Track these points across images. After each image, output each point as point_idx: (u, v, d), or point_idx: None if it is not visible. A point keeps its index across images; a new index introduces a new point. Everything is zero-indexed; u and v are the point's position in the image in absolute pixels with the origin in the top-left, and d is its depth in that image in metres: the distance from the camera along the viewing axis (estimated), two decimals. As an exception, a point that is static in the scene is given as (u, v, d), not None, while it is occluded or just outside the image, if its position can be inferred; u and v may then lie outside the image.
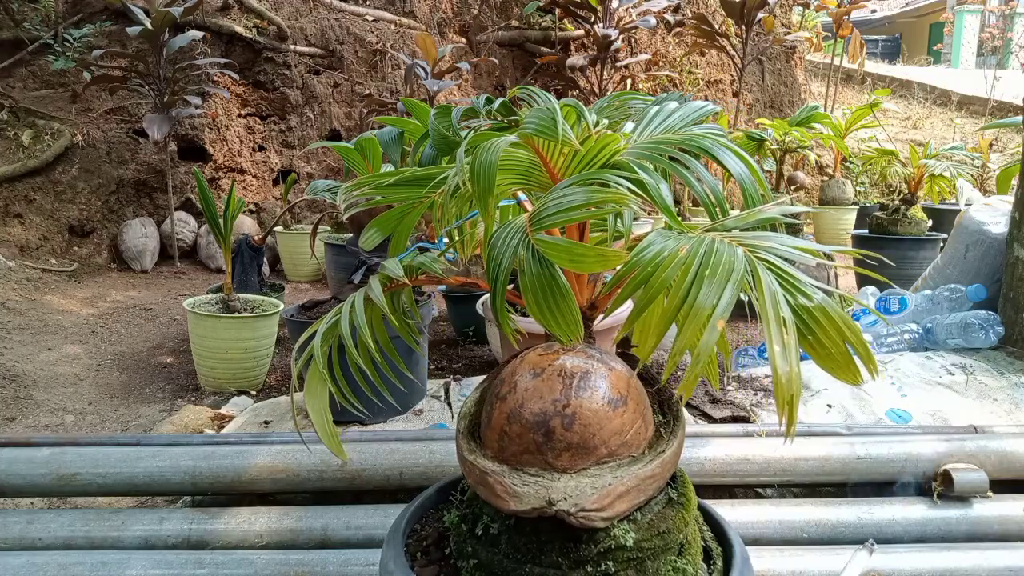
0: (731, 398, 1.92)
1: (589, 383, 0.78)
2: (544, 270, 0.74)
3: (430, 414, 2.00)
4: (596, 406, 0.77)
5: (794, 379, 0.63)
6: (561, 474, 0.76)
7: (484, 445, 0.82)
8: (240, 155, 5.12)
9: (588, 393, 0.78)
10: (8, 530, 1.44)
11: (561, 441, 0.76)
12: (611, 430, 0.77)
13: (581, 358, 0.81)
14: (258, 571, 1.35)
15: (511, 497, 0.75)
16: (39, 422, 2.46)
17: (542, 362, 0.81)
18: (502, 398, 0.80)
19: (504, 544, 0.80)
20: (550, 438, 0.76)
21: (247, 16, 5.22)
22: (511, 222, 0.80)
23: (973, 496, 1.47)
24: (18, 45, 4.87)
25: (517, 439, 0.77)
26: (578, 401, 0.77)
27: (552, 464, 0.76)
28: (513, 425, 0.78)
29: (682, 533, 0.82)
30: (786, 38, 6.26)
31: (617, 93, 1.17)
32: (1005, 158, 6.61)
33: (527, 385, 0.79)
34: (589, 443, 0.76)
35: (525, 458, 0.77)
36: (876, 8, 14.63)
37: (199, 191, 2.60)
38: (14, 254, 4.24)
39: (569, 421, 0.76)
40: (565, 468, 0.76)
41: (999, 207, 2.43)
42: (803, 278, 0.70)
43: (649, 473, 0.77)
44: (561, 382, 0.78)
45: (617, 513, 0.75)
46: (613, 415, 0.78)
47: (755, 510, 1.46)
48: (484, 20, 6.02)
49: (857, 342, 0.69)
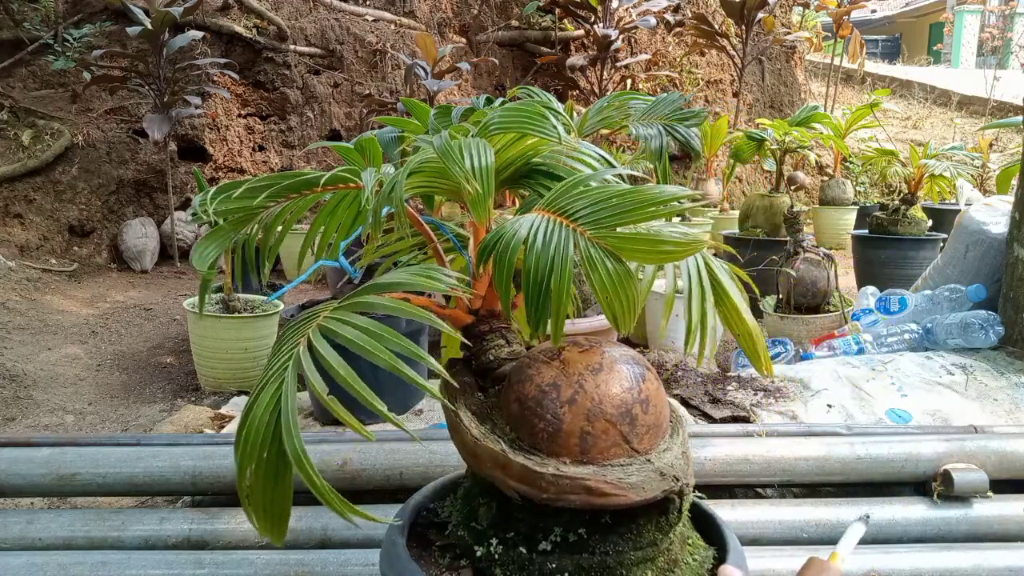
0: (731, 398, 1.92)
1: (641, 366, 0.84)
2: (621, 266, 0.74)
3: (430, 414, 2.00)
4: (655, 385, 0.84)
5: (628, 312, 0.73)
6: (646, 455, 0.80)
7: (552, 455, 0.79)
8: (240, 155, 5.12)
9: (644, 375, 0.83)
10: (8, 530, 1.43)
11: (642, 425, 0.80)
12: (665, 403, 0.85)
13: (615, 347, 0.86)
14: (258, 571, 1.35)
15: (630, 489, 0.76)
16: (39, 422, 2.46)
17: (591, 359, 0.82)
18: (570, 401, 0.79)
19: (597, 544, 0.79)
20: (635, 425, 0.80)
21: (247, 16, 5.22)
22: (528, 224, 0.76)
23: (973, 496, 1.47)
24: (18, 45, 4.88)
25: (603, 435, 0.79)
26: (645, 385, 0.82)
27: (636, 449, 0.80)
28: (596, 423, 0.79)
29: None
30: (786, 38, 6.26)
31: (617, 93, 1.17)
32: (1005, 158, 6.61)
33: (596, 381, 0.80)
34: (659, 421, 0.82)
35: (612, 451, 0.79)
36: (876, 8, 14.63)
37: (199, 191, 2.60)
38: (14, 254, 4.24)
39: (646, 404, 0.81)
40: (646, 450, 0.80)
41: (999, 207, 2.43)
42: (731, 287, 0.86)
43: (685, 436, 0.86)
44: (626, 371, 0.82)
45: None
46: (662, 391, 0.85)
47: (755, 510, 1.46)
48: (484, 20, 6.02)
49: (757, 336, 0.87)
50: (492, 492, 0.83)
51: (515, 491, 0.78)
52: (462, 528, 0.86)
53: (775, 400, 1.90)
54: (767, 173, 6.29)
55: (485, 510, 0.84)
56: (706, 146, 5.20)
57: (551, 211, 0.79)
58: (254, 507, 0.74)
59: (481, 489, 0.86)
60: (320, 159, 5.31)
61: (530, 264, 0.74)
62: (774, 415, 1.82)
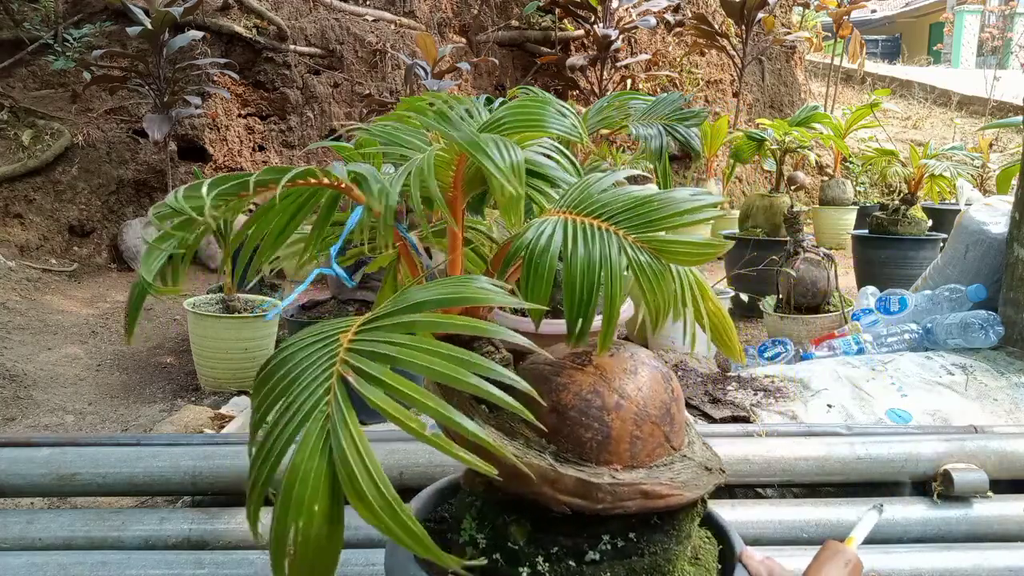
0: (731, 398, 1.92)
1: (662, 366, 0.85)
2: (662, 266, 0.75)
3: (430, 414, 2.00)
4: (678, 383, 0.85)
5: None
6: (680, 451, 0.81)
7: (603, 463, 0.77)
8: (240, 155, 5.12)
9: (669, 375, 0.85)
10: (8, 530, 1.43)
11: (677, 423, 0.82)
12: (683, 399, 0.89)
13: (636, 350, 0.86)
14: (258, 571, 1.35)
15: (684, 488, 0.77)
16: (39, 422, 2.46)
17: (624, 363, 0.82)
18: (617, 408, 0.78)
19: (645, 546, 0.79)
20: (672, 424, 0.81)
21: (247, 16, 5.22)
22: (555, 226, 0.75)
23: (973, 496, 1.47)
24: (18, 45, 4.87)
25: (650, 438, 0.79)
26: (673, 384, 0.84)
27: (675, 448, 0.81)
28: (644, 426, 0.78)
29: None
30: (786, 38, 6.26)
31: (617, 93, 1.17)
32: (1005, 158, 6.61)
33: (637, 385, 0.80)
34: (684, 417, 0.85)
35: (657, 452, 0.79)
36: (876, 8, 14.64)
37: (199, 191, 2.60)
38: (14, 254, 4.24)
39: (679, 402, 0.83)
40: (679, 446, 0.81)
41: (999, 207, 2.43)
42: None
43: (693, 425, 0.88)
44: (655, 372, 0.83)
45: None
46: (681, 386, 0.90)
47: (755, 510, 1.46)
48: (484, 20, 6.02)
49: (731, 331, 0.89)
50: (520, 509, 0.79)
51: (567, 505, 0.74)
52: (494, 551, 0.80)
53: (775, 400, 1.90)
54: (767, 173, 6.29)
55: (518, 528, 0.79)
56: (706, 146, 5.20)
57: (580, 214, 0.77)
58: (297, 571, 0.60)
59: (502, 507, 0.81)
60: (320, 159, 5.31)
61: (574, 270, 0.72)
62: (774, 415, 1.82)
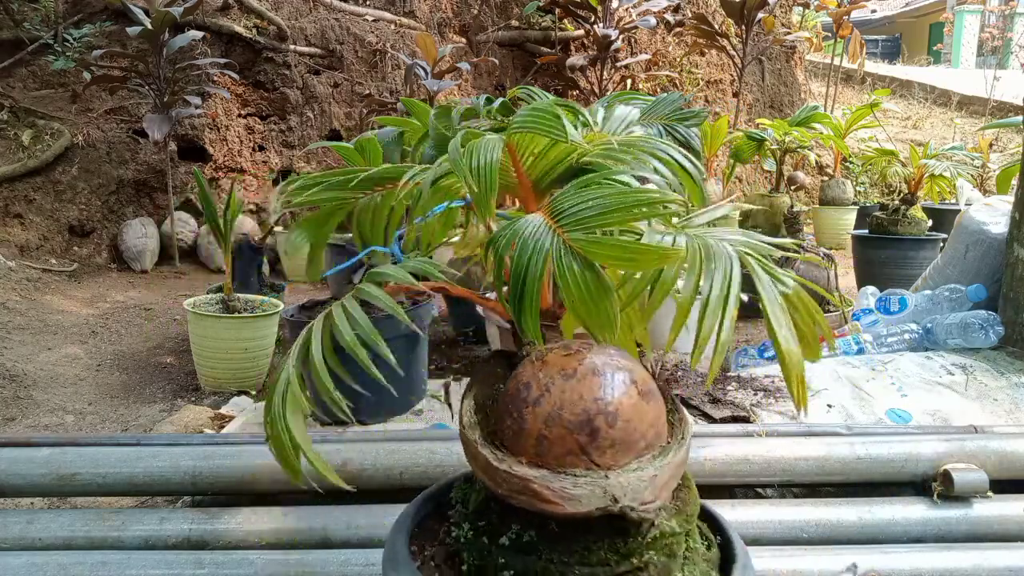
0: (731, 398, 1.92)
1: (624, 379, 0.80)
2: (591, 272, 0.74)
3: (430, 414, 2.00)
4: (633, 401, 0.79)
5: (798, 359, 0.73)
6: (607, 471, 0.76)
7: (513, 452, 0.80)
8: (240, 155, 5.12)
9: (624, 388, 0.79)
10: (8, 530, 1.43)
11: (606, 439, 0.77)
12: (648, 423, 0.79)
13: (605, 355, 0.82)
14: (258, 571, 1.35)
15: (566, 500, 0.74)
16: (39, 422, 2.46)
17: (570, 363, 0.80)
18: (535, 403, 0.79)
19: (544, 550, 0.79)
20: (595, 437, 0.77)
21: (247, 16, 5.22)
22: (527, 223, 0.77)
23: (973, 496, 1.47)
24: (18, 45, 4.87)
25: (559, 442, 0.77)
26: (619, 399, 0.78)
27: (597, 463, 0.77)
28: (553, 429, 0.77)
29: (702, 516, 0.86)
30: (786, 38, 6.26)
31: (617, 93, 1.17)
32: (1005, 158, 6.61)
33: (563, 387, 0.79)
34: (631, 438, 0.78)
35: (568, 460, 0.77)
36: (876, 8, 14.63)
37: (199, 191, 2.60)
38: (14, 254, 4.24)
39: (613, 418, 0.77)
40: (610, 465, 0.77)
41: (999, 207, 2.43)
42: (778, 269, 0.78)
43: (681, 459, 0.81)
44: (599, 381, 0.79)
45: (665, 502, 0.78)
46: (648, 408, 0.80)
47: (755, 510, 1.46)
48: (484, 20, 6.02)
49: (823, 322, 0.81)
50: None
51: (481, 482, 0.80)
52: (459, 507, 0.90)
53: (775, 400, 1.90)
54: (767, 173, 6.29)
55: (475, 496, 0.87)
56: (706, 146, 5.20)
57: (547, 211, 0.78)
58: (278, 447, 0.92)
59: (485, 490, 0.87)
60: (320, 159, 5.31)
61: (514, 263, 0.75)
62: (774, 415, 1.82)
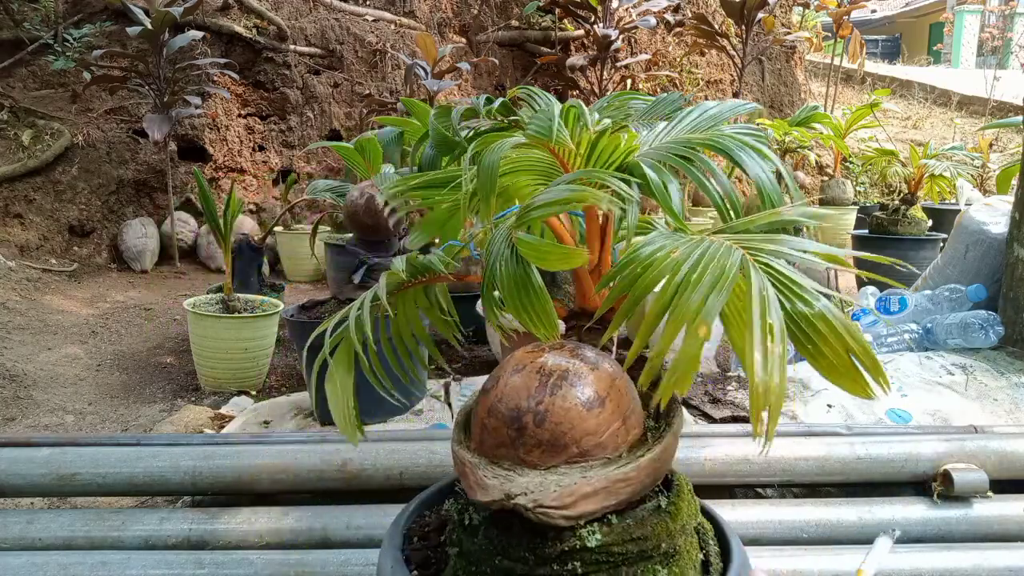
0: (731, 398, 1.92)
1: (565, 382, 0.79)
2: (520, 268, 0.77)
3: (430, 414, 2.00)
4: (569, 405, 0.78)
5: (773, 390, 0.62)
6: (531, 470, 0.77)
7: (470, 435, 0.84)
8: (240, 155, 5.12)
9: (562, 392, 0.78)
10: (8, 530, 1.44)
11: (532, 437, 0.77)
12: (584, 430, 0.77)
13: (564, 357, 0.82)
14: (258, 571, 1.35)
15: (479, 488, 0.76)
16: (39, 422, 2.46)
17: (526, 359, 0.82)
18: (486, 392, 0.82)
19: (481, 535, 0.81)
20: (522, 433, 0.77)
21: (247, 16, 5.22)
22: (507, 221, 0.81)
23: (973, 496, 1.47)
24: (18, 45, 4.87)
25: (494, 432, 0.79)
26: (551, 399, 0.78)
27: (523, 459, 0.77)
28: (491, 419, 0.80)
29: (666, 543, 0.81)
30: (786, 38, 6.26)
31: (617, 93, 1.17)
32: (1005, 158, 6.61)
33: (508, 380, 0.81)
34: (560, 441, 0.77)
35: (500, 451, 0.79)
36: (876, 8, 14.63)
37: (199, 191, 2.60)
38: (14, 254, 4.24)
39: (541, 418, 0.77)
40: (535, 464, 0.77)
41: (999, 207, 2.44)
42: (807, 283, 0.68)
43: (621, 476, 0.76)
44: (538, 379, 0.79)
45: (582, 513, 0.75)
46: (587, 415, 0.78)
47: (755, 510, 1.46)
48: (484, 20, 6.02)
49: (862, 352, 0.66)
50: None
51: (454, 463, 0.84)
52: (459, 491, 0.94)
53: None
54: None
55: None
56: (706, 146, 5.19)
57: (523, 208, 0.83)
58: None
59: None
60: (320, 159, 5.31)
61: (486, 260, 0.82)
62: (774, 415, 1.82)
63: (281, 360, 3.00)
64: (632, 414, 0.82)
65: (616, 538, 0.77)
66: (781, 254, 0.70)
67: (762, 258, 0.69)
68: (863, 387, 0.67)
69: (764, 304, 0.65)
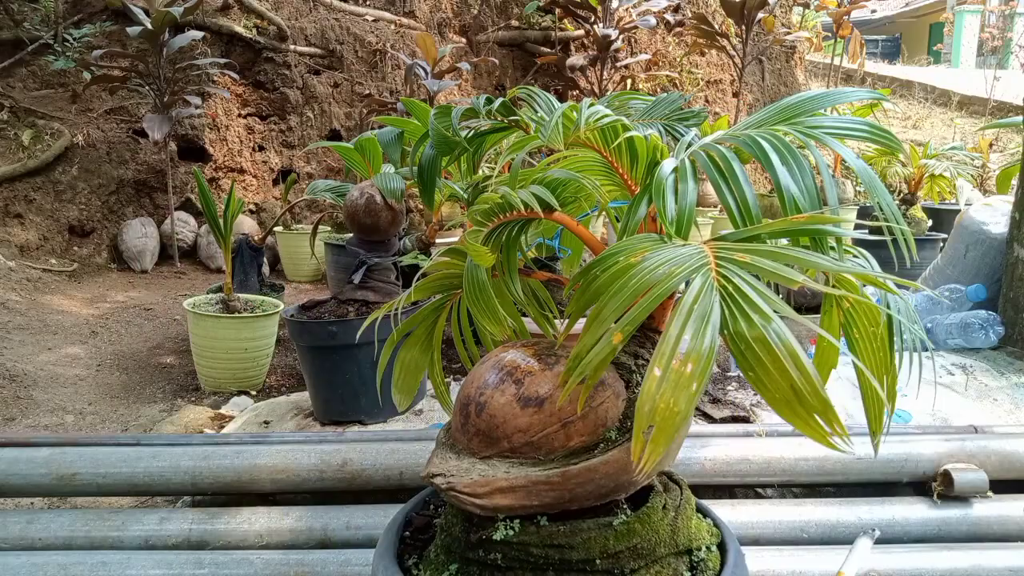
0: (731, 398, 1.92)
1: (511, 377, 0.81)
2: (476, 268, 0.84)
3: (430, 414, 2.00)
4: (505, 400, 0.79)
5: (660, 411, 0.57)
6: (472, 457, 0.81)
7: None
8: (240, 155, 5.12)
9: (503, 387, 0.80)
10: (8, 530, 1.44)
11: (473, 426, 0.81)
12: (515, 427, 0.78)
13: (523, 354, 0.84)
14: (258, 571, 1.35)
15: (427, 464, 0.83)
16: (39, 422, 2.46)
17: (495, 353, 0.87)
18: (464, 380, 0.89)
19: (450, 514, 0.87)
20: (467, 421, 0.82)
21: (247, 16, 5.22)
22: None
23: (973, 496, 1.47)
24: (18, 45, 4.87)
25: (454, 418, 0.86)
26: (492, 392, 0.81)
27: (468, 446, 0.82)
28: (456, 404, 0.86)
29: (606, 562, 0.78)
30: (786, 38, 6.25)
31: (617, 93, 1.17)
32: (1005, 158, 6.60)
33: (475, 370, 0.87)
34: (493, 434, 0.79)
35: (456, 436, 0.85)
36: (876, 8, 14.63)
37: (199, 191, 2.60)
38: (14, 254, 4.24)
39: (480, 408, 0.81)
40: (475, 451, 0.81)
41: (999, 207, 2.44)
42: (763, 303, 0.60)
43: (543, 479, 0.76)
44: (493, 372, 0.83)
45: (496, 505, 0.75)
46: (520, 413, 0.78)
47: (755, 510, 1.46)
48: (484, 20, 6.02)
49: (809, 389, 0.57)
50: None
51: None
52: None
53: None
54: (767, 173, 6.28)
55: None
56: (706, 146, 5.18)
57: None
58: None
59: None
60: (320, 159, 5.31)
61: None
62: (774, 415, 1.82)
63: (281, 360, 3.00)
64: (580, 420, 0.79)
65: (537, 540, 0.77)
66: (755, 267, 0.64)
67: (729, 269, 0.64)
68: (815, 428, 0.58)
69: (686, 318, 0.60)
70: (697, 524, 0.89)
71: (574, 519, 0.79)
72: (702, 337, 0.58)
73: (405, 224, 2.06)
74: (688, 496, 0.89)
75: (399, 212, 2.00)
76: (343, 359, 1.89)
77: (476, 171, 1.19)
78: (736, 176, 0.74)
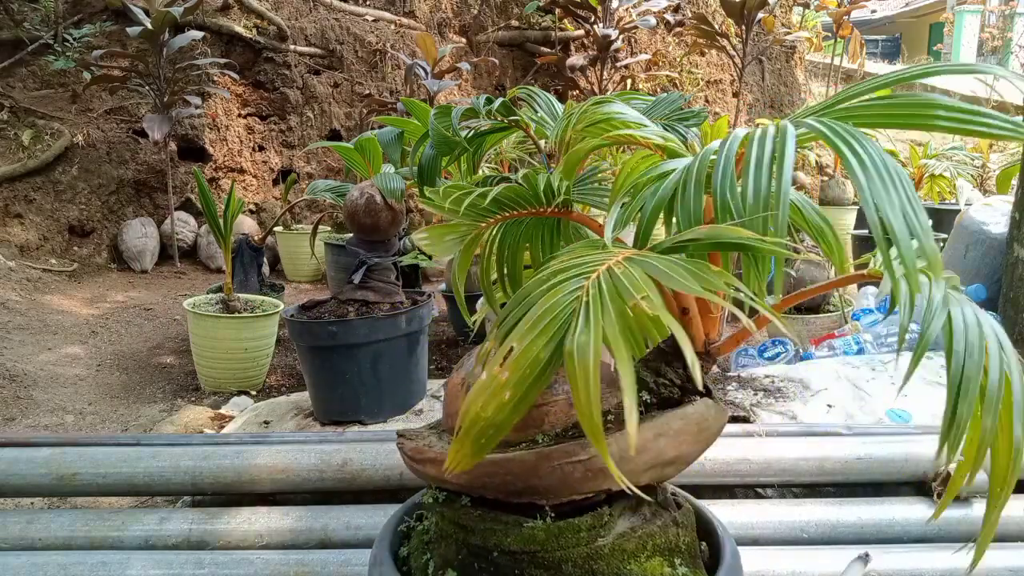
0: (731, 398, 1.92)
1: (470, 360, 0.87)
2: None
3: (430, 414, 2.00)
4: (456, 381, 0.87)
5: (471, 416, 0.57)
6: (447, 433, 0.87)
7: None
8: (240, 155, 5.12)
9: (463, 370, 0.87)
10: (8, 530, 1.43)
11: (445, 407, 0.89)
12: (456, 409, 0.84)
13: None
14: (258, 571, 1.35)
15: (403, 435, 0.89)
16: (39, 422, 2.46)
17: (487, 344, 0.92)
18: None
19: None
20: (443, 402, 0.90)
21: (247, 16, 5.22)
22: None
23: (973, 496, 1.47)
24: (18, 45, 4.87)
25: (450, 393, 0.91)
26: (454, 376, 0.87)
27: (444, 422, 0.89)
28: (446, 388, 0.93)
29: (506, 557, 0.75)
30: (786, 38, 6.26)
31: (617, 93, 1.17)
32: (1005, 158, 6.60)
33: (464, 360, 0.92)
34: (447, 410, 0.88)
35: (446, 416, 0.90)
36: (876, 8, 14.63)
37: (199, 191, 2.60)
38: (14, 254, 4.24)
39: (447, 391, 0.89)
40: (451, 429, 0.86)
41: (999, 207, 2.44)
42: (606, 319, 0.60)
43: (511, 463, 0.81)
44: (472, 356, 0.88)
45: (425, 473, 0.83)
46: (461, 396, 0.83)
47: (755, 510, 1.46)
48: (484, 20, 6.02)
49: (586, 412, 0.55)
50: None
51: None
52: None
53: (775, 400, 1.89)
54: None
55: None
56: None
57: None
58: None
59: None
60: (320, 159, 5.31)
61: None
62: (774, 415, 1.82)
63: (281, 360, 3.00)
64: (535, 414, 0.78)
65: (451, 516, 0.81)
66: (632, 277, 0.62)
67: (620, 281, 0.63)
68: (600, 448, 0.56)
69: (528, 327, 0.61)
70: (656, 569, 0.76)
71: (504, 510, 0.78)
72: (531, 347, 0.59)
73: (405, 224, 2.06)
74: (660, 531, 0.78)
75: (399, 212, 2.00)
76: (343, 359, 1.89)
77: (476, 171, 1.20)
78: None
